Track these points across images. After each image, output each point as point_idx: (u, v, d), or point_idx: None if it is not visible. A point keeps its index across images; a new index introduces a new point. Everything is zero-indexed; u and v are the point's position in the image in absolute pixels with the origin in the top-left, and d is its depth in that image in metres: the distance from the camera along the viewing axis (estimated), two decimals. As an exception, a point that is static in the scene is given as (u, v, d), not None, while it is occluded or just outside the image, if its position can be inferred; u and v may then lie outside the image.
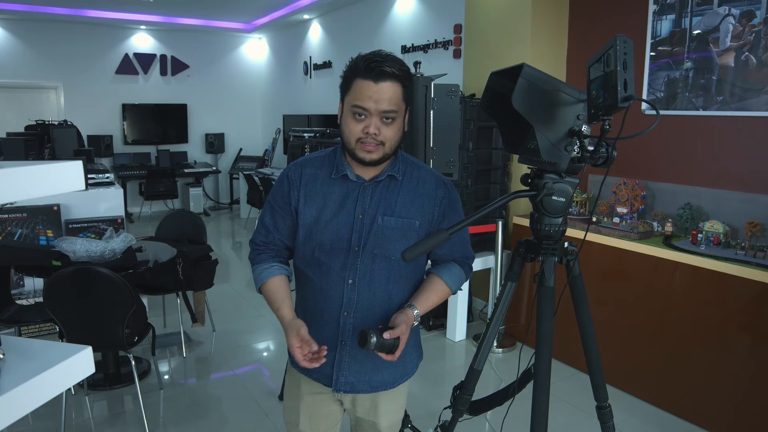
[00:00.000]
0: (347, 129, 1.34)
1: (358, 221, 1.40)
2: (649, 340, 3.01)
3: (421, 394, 3.16)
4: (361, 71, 1.30)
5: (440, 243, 1.25)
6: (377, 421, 1.57)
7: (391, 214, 1.40)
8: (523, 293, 3.75)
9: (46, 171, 0.83)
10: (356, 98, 1.30)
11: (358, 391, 1.50)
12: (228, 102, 9.29)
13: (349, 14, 6.81)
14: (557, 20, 3.93)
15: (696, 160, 3.23)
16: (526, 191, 1.41)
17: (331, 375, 1.47)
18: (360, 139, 1.33)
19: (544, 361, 1.41)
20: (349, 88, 1.33)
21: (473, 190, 3.86)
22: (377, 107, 1.30)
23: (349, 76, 1.33)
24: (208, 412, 3.01)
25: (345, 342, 1.45)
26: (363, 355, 1.45)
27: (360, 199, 1.40)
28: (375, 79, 1.29)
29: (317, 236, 1.42)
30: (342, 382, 1.47)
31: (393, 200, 1.41)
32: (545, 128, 1.30)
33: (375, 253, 1.40)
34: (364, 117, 1.32)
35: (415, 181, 1.45)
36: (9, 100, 7.79)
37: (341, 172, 1.41)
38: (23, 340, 0.96)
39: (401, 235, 1.41)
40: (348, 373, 1.47)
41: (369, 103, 1.29)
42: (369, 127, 1.31)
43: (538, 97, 1.29)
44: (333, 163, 1.43)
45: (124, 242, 2.99)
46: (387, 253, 1.40)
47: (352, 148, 1.35)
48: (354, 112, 1.32)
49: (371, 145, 1.33)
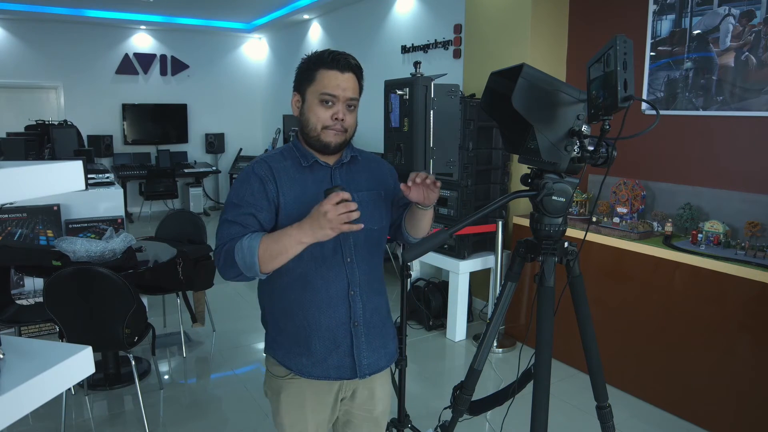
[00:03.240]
0: (314, 116, 1.41)
1: None
2: (649, 340, 3.01)
3: (421, 394, 3.16)
4: (326, 63, 1.40)
5: (441, 242, 1.34)
6: (373, 408, 1.60)
7: (362, 189, 1.50)
8: (523, 293, 3.75)
9: (46, 171, 0.83)
10: (325, 86, 1.39)
11: (380, 368, 1.54)
12: (228, 102, 9.29)
13: (349, 14, 6.81)
14: (557, 20, 3.93)
15: (696, 160, 3.23)
16: (526, 191, 1.41)
17: (353, 363, 1.49)
18: (326, 126, 1.41)
19: (544, 361, 1.41)
20: (314, 78, 1.40)
21: (473, 190, 3.86)
22: (344, 95, 1.40)
23: (312, 67, 1.41)
24: (208, 412, 3.01)
25: (358, 323, 1.48)
26: (373, 333, 1.51)
27: (333, 181, 1.47)
28: (341, 69, 1.39)
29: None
30: (365, 365, 1.50)
31: (359, 177, 1.52)
32: (545, 128, 1.30)
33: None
34: (331, 104, 1.40)
35: (367, 160, 1.58)
36: (9, 100, 7.79)
37: (311, 160, 1.46)
38: (23, 340, 0.96)
39: (375, 206, 1.52)
40: (368, 354, 1.50)
41: (338, 91, 1.39)
42: (338, 113, 1.40)
43: (538, 97, 1.29)
44: (295, 155, 1.47)
45: (124, 242, 2.99)
46: (369, 224, 1.46)
47: (316, 135, 1.42)
48: (322, 99, 1.40)
49: (338, 131, 1.42)
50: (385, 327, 1.56)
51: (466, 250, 3.86)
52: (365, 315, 1.49)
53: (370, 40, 6.34)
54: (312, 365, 1.48)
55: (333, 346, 1.47)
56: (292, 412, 1.53)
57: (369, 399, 1.59)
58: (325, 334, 1.46)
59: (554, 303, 1.42)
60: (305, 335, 1.47)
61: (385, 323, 1.56)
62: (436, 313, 4.08)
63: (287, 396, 1.53)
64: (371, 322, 1.51)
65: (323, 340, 1.47)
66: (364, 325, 1.49)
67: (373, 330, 1.51)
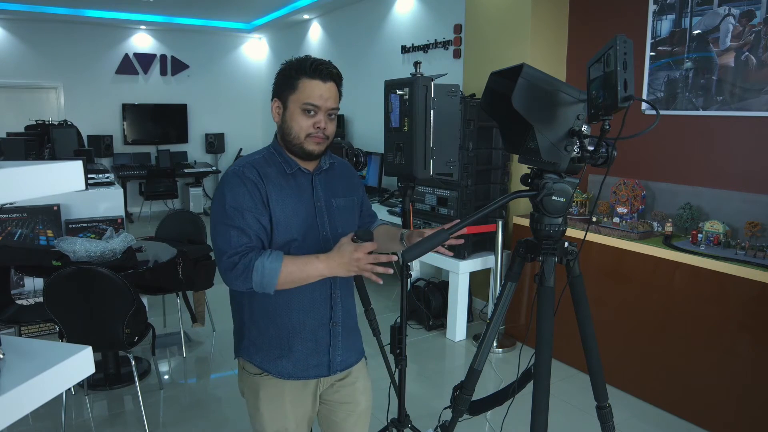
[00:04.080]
0: (296, 125, 1.43)
1: (319, 208, 1.51)
2: (650, 340, 3.01)
3: (421, 394, 3.16)
4: (307, 72, 1.41)
5: (441, 243, 1.39)
6: (357, 401, 1.65)
7: (339, 195, 1.57)
8: (523, 293, 3.75)
9: (46, 171, 0.83)
10: (308, 96, 1.41)
11: (351, 364, 1.62)
12: (228, 102, 9.29)
13: (349, 14, 6.81)
14: (557, 20, 3.93)
15: (696, 160, 3.23)
16: (526, 191, 1.41)
17: (329, 361, 1.56)
18: (309, 134, 1.43)
19: (544, 361, 1.41)
20: (296, 87, 1.42)
21: (473, 190, 3.86)
22: (326, 105, 1.43)
23: (294, 75, 1.42)
24: (208, 412, 3.01)
25: (336, 323, 1.55)
26: (347, 331, 1.59)
27: (314, 189, 1.51)
28: (323, 79, 1.42)
29: (293, 231, 1.45)
30: (338, 362, 1.58)
31: (336, 184, 1.57)
32: (545, 128, 1.30)
33: (339, 232, 1.52)
34: (313, 114, 1.43)
35: (341, 167, 1.63)
36: (9, 100, 7.78)
37: (294, 168, 1.49)
38: (23, 340, 0.96)
39: (351, 212, 1.60)
40: (342, 351, 1.58)
41: (319, 101, 1.42)
42: (320, 122, 1.43)
43: (538, 97, 1.29)
44: (278, 161, 1.49)
45: (124, 242, 2.99)
46: (347, 230, 1.51)
47: (299, 143, 1.45)
48: (305, 109, 1.42)
49: (320, 139, 1.44)
50: (356, 327, 1.67)
51: (466, 250, 3.86)
52: (342, 316, 1.57)
53: (370, 40, 6.34)
54: (292, 366, 1.52)
55: (314, 346, 1.53)
56: (272, 409, 1.55)
57: (351, 392, 1.64)
58: (308, 336, 1.51)
59: (554, 303, 1.42)
60: (287, 337, 1.51)
61: (355, 323, 1.67)
62: (436, 313, 4.08)
63: (266, 394, 1.55)
64: (346, 323, 1.59)
65: (305, 341, 1.51)
66: (341, 325, 1.57)
67: (346, 330, 1.59)
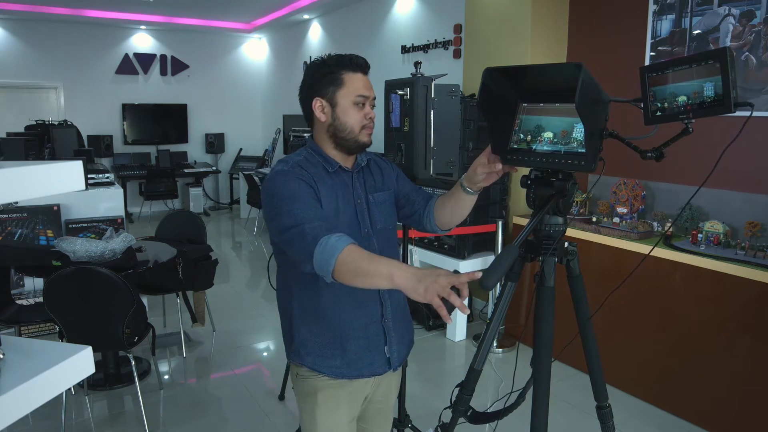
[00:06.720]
0: (351, 119, 1.43)
1: (359, 206, 1.50)
2: (649, 340, 3.01)
3: (421, 394, 3.16)
4: (348, 65, 1.43)
5: (514, 258, 1.16)
6: (388, 399, 1.67)
7: (378, 190, 1.57)
8: (523, 293, 3.75)
9: (46, 171, 0.83)
10: (357, 89, 1.43)
11: (404, 357, 1.61)
12: (228, 102, 9.29)
13: (349, 14, 6.81)
14: (557, 20, 3.93)
15: (696, 160, 3.23)
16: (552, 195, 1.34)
17: (386, 358, 1.54)
18: (364, 126, 1.45)
19: (544, 361, 1.41)
20: (343, 82, 1.42)
21: (473, 190, 3.86)
22: (371, 94, 1.47)
23: (335, 71, 1.43)
24: (208, 412, 3.01)
25: (388, 319, 1.53)
26: (398, 324, 1.57)
27: (354, 186, 1.51)
28: (363, 71, 1.46)
29: (338, 228, 1.37)
30: (395, 358, 1.56)
31: (376, 179, 1.58)
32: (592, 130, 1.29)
33: (379, 228, 1.53)
34: (362, 105, 1.45)
35: (376, 161, 1.63)
36: (9, 100, 7.79)
37: (335, 166, 1.48)
38: (23, 340, 0.96)
39: (389, 205, 1.59)
40: (397, 347, 1.56)
41: (367, 92, 1.45)
42: (370, 112, 1.46)
43: (592, 99, 1.25)
44: (319, 161, 1.47)
45: (124, 242, 2.99)
46: (386, 224, 1.54)
47: (354, 136, 1.44)
48: (356, 102, 1.43)
49: (371, 129, 1.47)
50: (408, 319, 1.65)
51: (466, 250, 3.86)
52: (393, 310, 1.54)
53: (370, 40, 6.34)
54: (346, 366, 1.49)
55: (366, 344, 1.50)
56: (328, 411, 1.52)
57: (387, 389, 1.65)
58: (359, 334, 1.49)
59: (554, 303, 1.42)
60: (338, 336, 1.47)
61: (407, 315, 1.65)
62: (436, 313, 4.06)
63: (324, 396, 1.51)
64: (397, 316, 1.57)
65: (358, 340, 1.49)
66: (392, 319, 1.54)
67: (399, 323, 1.57)
